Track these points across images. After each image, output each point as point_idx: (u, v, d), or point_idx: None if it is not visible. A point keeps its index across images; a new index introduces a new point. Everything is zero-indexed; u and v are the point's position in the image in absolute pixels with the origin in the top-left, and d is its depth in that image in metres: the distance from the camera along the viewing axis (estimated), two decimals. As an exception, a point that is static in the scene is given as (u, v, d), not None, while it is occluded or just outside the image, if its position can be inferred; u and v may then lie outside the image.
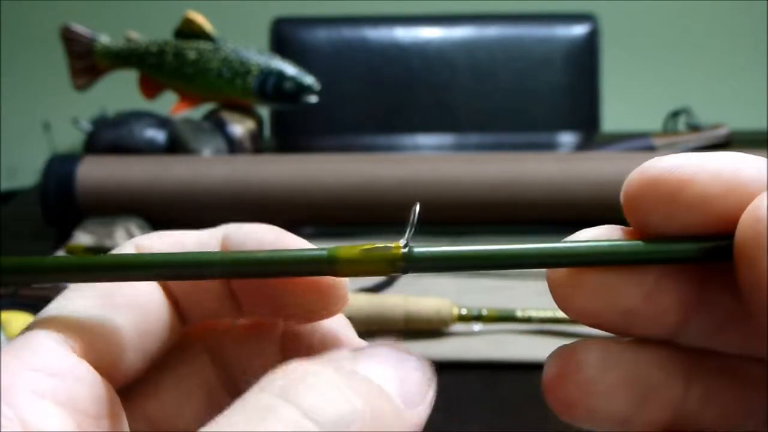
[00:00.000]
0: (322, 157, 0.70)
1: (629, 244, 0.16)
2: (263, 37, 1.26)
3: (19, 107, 1.97)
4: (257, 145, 0.83)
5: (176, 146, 0.77)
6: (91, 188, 0.67)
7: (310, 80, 0.83)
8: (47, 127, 1.71)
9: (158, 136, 0.78)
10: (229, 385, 0.21)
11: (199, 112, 0.87)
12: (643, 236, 0.17)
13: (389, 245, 0.17)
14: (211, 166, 0.68)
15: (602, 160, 0.68)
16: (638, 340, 0.17)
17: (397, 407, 0.15)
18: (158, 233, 0.20)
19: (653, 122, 1.04)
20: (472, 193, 0.65)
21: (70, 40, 0.85)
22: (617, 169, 0.64)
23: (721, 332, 0.17)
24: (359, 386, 0.15)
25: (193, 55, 0.82)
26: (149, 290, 0.19)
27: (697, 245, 0.16)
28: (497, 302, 0.51)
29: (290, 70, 0.82)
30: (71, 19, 0.88)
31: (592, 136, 1.16)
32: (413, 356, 0.17)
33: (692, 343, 0.17)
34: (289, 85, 0.82)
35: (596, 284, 0.17)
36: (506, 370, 0.47)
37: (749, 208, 0.15)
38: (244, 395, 0.15)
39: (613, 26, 1.50)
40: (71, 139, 1.13)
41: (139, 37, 0.85)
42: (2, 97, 1.95)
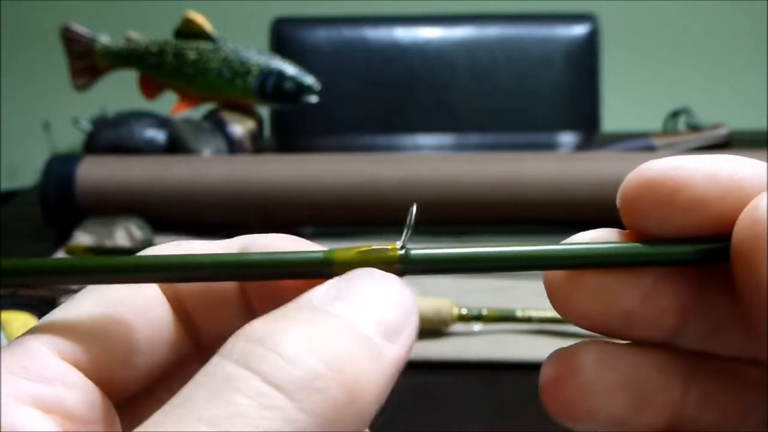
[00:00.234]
0: (322, 157, 0.70)
1: (627, 246, 0.16)
2: (263, 37, 1.26)
3: (19, 107, 1.97)
4: (257, 145, 0.83)
5: (176, 146, 0.77)
6: (91, 188, 0.67)
7: (310, 80, 0.83)
8: (47, 127, 1.71)
9: (158, 136, 0.78)
10: None
11: (199, 112, 0.87)
12: (639, 239, 0.17)
13: (386, 247, 0.17)
14: (211, 166, 0.68)
15: (602, 160, 0.68)
16: (636, 342, 0.17)
17: (373, 346, 0.15)
18: (175, 243, 0.19)
19: (653, 122, 1.04)
20: (472, 193, 0.65)
21: (70, 40, 0.85)
22: (617, 169, 0.64)
23: (718, 334, 0.17)
24: (326, 332, 0.14)
25: (193, 55, 0.82)
26: (152, 304, 0.18)
27: (693, 247, 0.16)
28: (497, 302, 0.51)
29: (290, 70, 0.83)
30: (71, 19, 0.88)
31: (592, 136, 1.16)
32: (394, 279, 0.16)
33: (690, 345, 0.17)
34: (289, 85, 0.82)
35: (594, 287, 0.17)
36: (506, 370, 0.47)
37: (746, 210, 0.15)
38: (206, 365, 0.14)
39: (613, 26, 1.50)
40: (71, 139, 1.13)
41: (139, 37, 0.85)
42: (2, 97, 1.95)
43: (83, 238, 0.62)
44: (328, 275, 0.17)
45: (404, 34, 1.26)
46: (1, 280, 0.17)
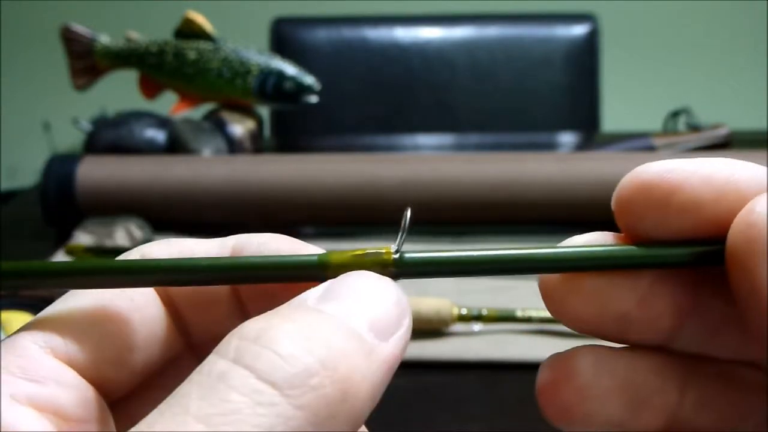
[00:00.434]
0: (322, 157, 0.70)
1: (622, 248, 0.16)
2: (263, 37, 1.26)
3: (19, 107, 1.97)
4: (257, 145, 0.83)
5: (176, 146, 0.77)
6: (91, 188, 0.67)
7: (310, 80, 0.83)
8: (47, 127, 1.71)
9: (158, 136, 0.78)
10: None
11: (199, 112, 0.87)
12: (634, 242, 0.17)
13: (380, 250, 0.17)
14: (211, 166, 0.68)
15: (602, 160, 0.68)
16: (632, 345, 0.17)
17: (366, 344, 0.15)
18: (165, 241, 0.19)
19: (653, 122, 1.04)
20: (472, 193, 0.65)
21: (70, 40, 0.85)
22: (617, 169, 0.64)
23: (715, 337, 0.17)
24: (321, 331, 0.15)
25: (193, 55, 0.82)
26: (145, 302, 0.18)
27: (688, 250, 0.16)
28: (497, 302, 0.51)
29: (290, 70, 0.83)
30: (71, 19, 0.88)
31: (592, 136, 1.16)
32: (387, 281, 0.16)
33: (686, 348, 0.17)
34: (289, 85, 0.82)
35: (590, 289, 0.17)
36: (506, 370, 0.47)
37: (741, 213, 0.15)
38: (201, 364, 0.14)
39: (613, 26, 1.50)
40: (71, 139, 1.13)
41: (139, 37, 0.85)
42: (2, 97, 1.95)
43: (83, 238, 0.62)
44: (322, 278, 0.17)
45: (404, 34, 1.26)
46: (1, 283, 0.17)
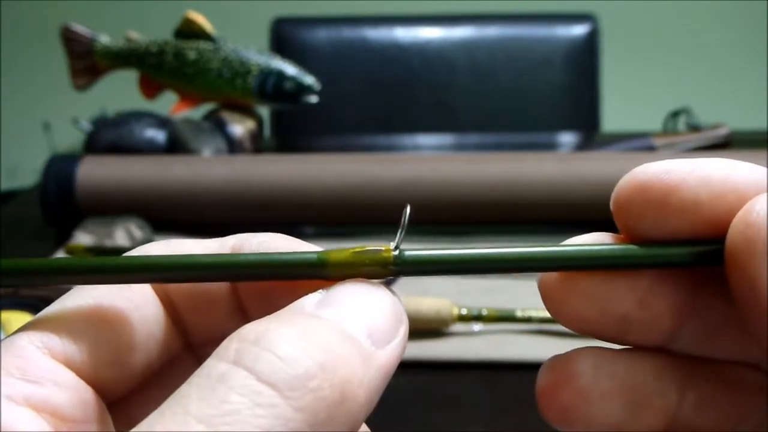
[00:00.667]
0: (322, 157, 0.70)
1: (621, 247, 0.16)
2: (263, 37, 1.26)
3: (19, 107, 1.97)
4: (257, 145, 0.83)
5: (176, 146, 0.77)
6: (91, 188, 0.67)
7: (310, 80, 0.83)
8: (47, 127, 1.71)
9: (158, 136, 0.78)
10: None
11: (199, 112, 0.87)
12: (633, 242, 0.17)
13: (380, 248, 0.17)
14: (211, 166, 0.68)
15: (602, 160, 0.68)
16: (632, 347, 0.17)
17: (364, 350, 0.15)
18: (165, 241, 0.19)
19: (653, 122, 1.04)
20: (472, 193, 0.65)
21: (70, 40, 0.85)
22: (617, 169, 0.64)
23: (714, 338, 0.17)
24: (319, 335, 0.15)
25: (193, 55, 0.82)
26: (144, 302, 0.18)
27: (687, 250, 0.16)
28: (497, 302, 0.51)
29: (290, 70, 0.83)
30: (71, 19, 0.88)
31: (592, 136, 1.16)
32: (384, 290, 0.16)
33: (686, 349, 0.17)
34: (289, 85, 0.82)
35: (589, 290, 0.17)
36: (506, 370, 0.47)
37: (739, 213, 0.15)
38: (201, 366, 0.14)
39: (613, 26, 1.50)
40: (71, 139, 1.13)
41: (139, 37, 0.85)
42: (2, 97, 1.95)
43: (83, 238, 0.62)
44: (322, 276, 0.17)
45: (404, 34, 1.26)
46: (1, 280, 0.17)
